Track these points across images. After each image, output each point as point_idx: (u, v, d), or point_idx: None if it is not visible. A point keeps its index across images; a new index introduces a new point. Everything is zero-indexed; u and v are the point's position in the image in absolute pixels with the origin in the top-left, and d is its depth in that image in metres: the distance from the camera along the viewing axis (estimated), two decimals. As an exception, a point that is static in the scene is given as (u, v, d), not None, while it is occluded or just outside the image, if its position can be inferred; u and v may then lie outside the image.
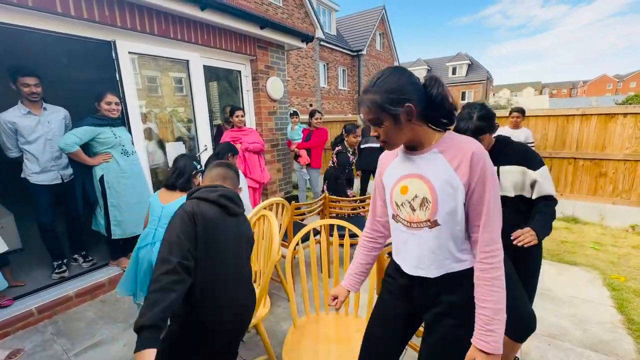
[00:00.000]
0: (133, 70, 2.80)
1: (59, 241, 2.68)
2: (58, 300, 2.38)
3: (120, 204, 2.59)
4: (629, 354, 1.86)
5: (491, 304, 0.89)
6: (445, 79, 26.93)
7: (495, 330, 0.89)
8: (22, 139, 2.42)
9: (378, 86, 0.91)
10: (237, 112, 3.43)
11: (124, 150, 2.60)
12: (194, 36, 3.15)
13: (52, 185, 2.55)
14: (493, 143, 1.54)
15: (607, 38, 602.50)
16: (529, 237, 1.32)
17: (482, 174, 0.89)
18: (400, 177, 1.02)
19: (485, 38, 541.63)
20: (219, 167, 1.39)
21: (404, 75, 0.92)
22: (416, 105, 0.90)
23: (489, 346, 0.88)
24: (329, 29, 16.38)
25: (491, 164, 0.92)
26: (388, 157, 1.11)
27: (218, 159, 2.55)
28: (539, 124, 4.31)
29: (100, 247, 3.01)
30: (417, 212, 0.98)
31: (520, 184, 1.48)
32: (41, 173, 2.49)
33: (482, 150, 0.91)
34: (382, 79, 0.91)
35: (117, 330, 2.20)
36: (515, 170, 1.46)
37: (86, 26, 2.45)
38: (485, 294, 0.91)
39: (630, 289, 2.54)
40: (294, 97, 13.29)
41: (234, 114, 3.43)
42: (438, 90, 0.92)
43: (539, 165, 1.44)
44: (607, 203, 4.02)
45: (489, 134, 1.47)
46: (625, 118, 3.79)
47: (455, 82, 30.90)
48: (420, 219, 0.98)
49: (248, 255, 1.37)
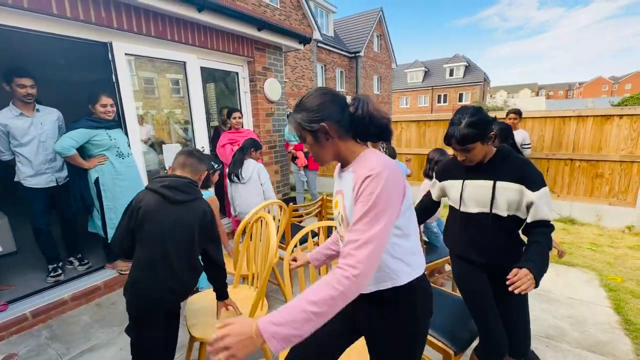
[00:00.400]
0: (130, 72, 2.78)
1: (54, 244, 2.65)
2: (53, 304, 2.36)
3: (116, 206, 2.57)
4: (627, 355, 1.87)
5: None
6: (442, 81, 26.98)
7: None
8: (14, 141, 2.38)
9: (301, 106, 0.95)
10: (234, 113, 3.45)
11: (119, 153, 2.58)
12: (191, 38, 3.14)
13: (47, 188, 2.53)
14: (493, 153, 1.38)
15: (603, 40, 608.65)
16: (527, 282, 1.08)
17: (365, 200, 0.83)
18: (335, 192, 1.08)
19: (483, 40, 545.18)
20: (181, 155, 1.55)
21: (326, 95, 0.94)
22: (334, 124, 0.92)
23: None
24: (327, 31, 16.41)
25: (387, 194, 0.83)
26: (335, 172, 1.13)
27: (242, 153, 2.74)
28: (536, 125, 4.33)
29: (97, 250, 2.98)
30: (341, 228, 1.03)
31: (516, 203, 1.31)
32: (35, 176, 2.46)
33: (382, 173, 0.84)
34: (306, 98, 0.95)
35: (113, 334, 2.18)
36: (512, 188, 1.30)
37: (82, 27, 2.43)
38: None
39: (627, 290, 2.55)
40: (291, 99, 13.29)
41: (231, 116, 3.43)
42: (363, 110, 0.94)
43: (539, 187, 1.25)
44: (604, 204, 4.04)
45: (482, 142, 1.30)
46: (621, 119, 3.81)
47: (453, 84, 31.04)
48: (343, 235, 1.01)
49: (192, 240, 1.44)
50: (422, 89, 32.97)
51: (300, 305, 0.74)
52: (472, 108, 1.33)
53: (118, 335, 2.16)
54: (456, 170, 1.48)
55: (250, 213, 1.94)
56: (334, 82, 16.71)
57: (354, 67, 17.72)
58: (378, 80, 20.30)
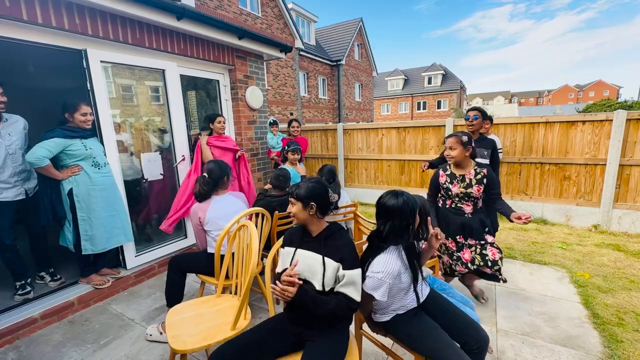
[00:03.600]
0: (106, 79, 2.72)
1: (21, 260, 2.49)
2: (20, 323, 2.21)
3: (91, 217, 2.47)
4: (596, 347, 1.97)
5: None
6: (421, 88, 27.87)
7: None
8: None
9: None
10: (218, 118, 3.30)
11: (95, 162, 2.49)
12: (170, 45, 3.11)
13: (14, 201, 2.39)
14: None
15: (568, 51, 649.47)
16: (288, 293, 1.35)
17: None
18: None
19: (459, 50, 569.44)
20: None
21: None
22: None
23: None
24: (309, 40, 16.64)
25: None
26: None
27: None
28: (508, 131, 4.55)
29: (70, 264, 2.84)
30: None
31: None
32: (3, 191, 2.31)
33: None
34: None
35: (87, 352, 2.07)
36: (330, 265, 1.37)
37: (55, 34, 2.36)
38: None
39: (595, 285, 2.71)
40: (274, 106, 13.30)
41: (214, 120, 3.29)
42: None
43: (353, 266, 1.35)
44: (572, 205, 4.28)
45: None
46: (584, 125, 4.08)
47: (431, 92, 32.09)
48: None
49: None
50: (402, 96, 33.87)
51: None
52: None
53: (92, 353, 2.06)
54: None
55: (231, 221, 1.92)
56: (316, 90, 16.90)
57: (336, 75, 18.01)
58: (359, 88, 20.69)
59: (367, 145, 5.94)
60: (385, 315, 1.51)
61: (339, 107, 18.32)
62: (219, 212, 2.21)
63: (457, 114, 23.57)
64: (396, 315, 1.50)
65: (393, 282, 1.40)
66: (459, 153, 2.16)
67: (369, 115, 22.31)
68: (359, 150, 6.05)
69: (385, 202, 1.44)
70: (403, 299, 1.48)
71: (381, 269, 1.37)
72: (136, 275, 2.95)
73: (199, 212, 2.21)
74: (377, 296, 1.37)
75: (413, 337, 1.44)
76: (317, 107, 17.01)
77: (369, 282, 1.39)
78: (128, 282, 2.89)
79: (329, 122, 17.74)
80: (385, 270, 1.37)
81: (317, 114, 17.08)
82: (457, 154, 2.16)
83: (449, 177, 2.25)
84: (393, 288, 1.44)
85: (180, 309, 1.74)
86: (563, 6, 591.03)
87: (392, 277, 1.38)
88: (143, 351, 2.06)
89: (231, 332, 1.53)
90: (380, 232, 1.46)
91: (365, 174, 6.08)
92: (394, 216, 1.41)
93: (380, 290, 1.37)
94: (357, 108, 20.45)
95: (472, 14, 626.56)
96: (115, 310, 2.55)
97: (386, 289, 1.37)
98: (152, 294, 2.78)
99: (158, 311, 2.51)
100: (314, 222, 1.44)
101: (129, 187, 2.98)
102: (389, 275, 1.37)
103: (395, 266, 1.39)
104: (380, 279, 1.37)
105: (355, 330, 1.74)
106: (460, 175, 2.21)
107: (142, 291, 2.84)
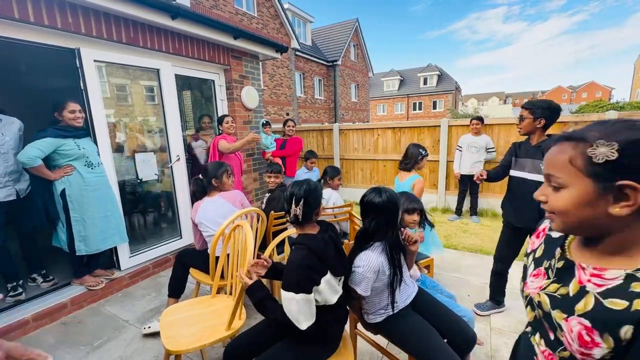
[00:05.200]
0: (100, 79, 2.69)
1: (12, 261, 2.46)
2: (12, 325, 2.19)
3: (84, 218, 2.45)
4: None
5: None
6: (417, 89, 28.00)
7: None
8: None
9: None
10: (226, 118, 3.54)
11: (88, 162, 2.47)
12: (164, 45, 3.09)
13: (4, 202, 2.36)
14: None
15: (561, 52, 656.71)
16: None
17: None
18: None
19: (454, 51, 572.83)
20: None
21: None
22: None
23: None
24: (304, 40, 16.63)
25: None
26: None
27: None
28: (502, 131, 4.59)
29: (62, 265, 2.81)
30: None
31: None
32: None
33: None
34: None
35: (80, 354, 2.05)
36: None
37: (47, 33, 2.34)
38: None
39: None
40: (270, 106, 13.27)
41: (222, 122, 3.52)
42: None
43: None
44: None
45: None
46: (577, 125, 4.13)
47: (427, 92, 32.24)
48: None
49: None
50: (398, 97, 33.98)
51: None
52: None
53: (86, 355, 2.04)
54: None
55: (226, 222, 1.92)
56: (313, 90, 16.89)
57: (332, 76, 18.02)
58: (355, 88, 20.73)
59: (363, 145, 5.96)
60: (377, 316, 1.52)
61: (335, 107, 18.33)
62: (207, 214, 2.25)
63: (453, 115, 23.71)
64: (387, 316, 1.51)
65: (376, 277, 1.41)
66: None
67: (365, 115, 22.37)
68: (354, 150, 6.07)
69: (371, 200, 1.45)
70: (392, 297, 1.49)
71: (362, 263, 1.40)
72: (130, 276, 2.93)
73: (193, 213, 2.26)
74: (359, 291, 1.40)
75: (404, 337, 1.45)
76: (313, 107, 17.01)
77: (352, 276, 1.43)
78: (122, 283, 2.86)
79: (325, 122, 17.75)
80: (367, 265, 1.39)
81: (314, 114, 17.08)
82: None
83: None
84: (379, 284, 1.45)
85: (175, 310, 1.73)
86: (556, 8, 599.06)
87: (373, 272, 1.39)
88: (137, 352, 2.04)
89: (226, 333, 1.53)
90: (366, 230, 1.47)
91: (361, 174, 6.10)
92: (380, 213, 1.43)
93: (362, 284, 1.40)
94: (353, 108, 20.49)
95: (467, 16, 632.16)
96: (109, 311, 2.53)
97: (367, 283, 1.40)
98: (147, 295, 2.76)
99: (152, 312, 2.49)
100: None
101: (123, 187, 2.95)
102: (370, 269, 1.39)
103: (377, 261, 1.40)
104: (361, 273, 1.39)
105: (350, 330, 1.75)
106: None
107: (137, 292, 2.82)
